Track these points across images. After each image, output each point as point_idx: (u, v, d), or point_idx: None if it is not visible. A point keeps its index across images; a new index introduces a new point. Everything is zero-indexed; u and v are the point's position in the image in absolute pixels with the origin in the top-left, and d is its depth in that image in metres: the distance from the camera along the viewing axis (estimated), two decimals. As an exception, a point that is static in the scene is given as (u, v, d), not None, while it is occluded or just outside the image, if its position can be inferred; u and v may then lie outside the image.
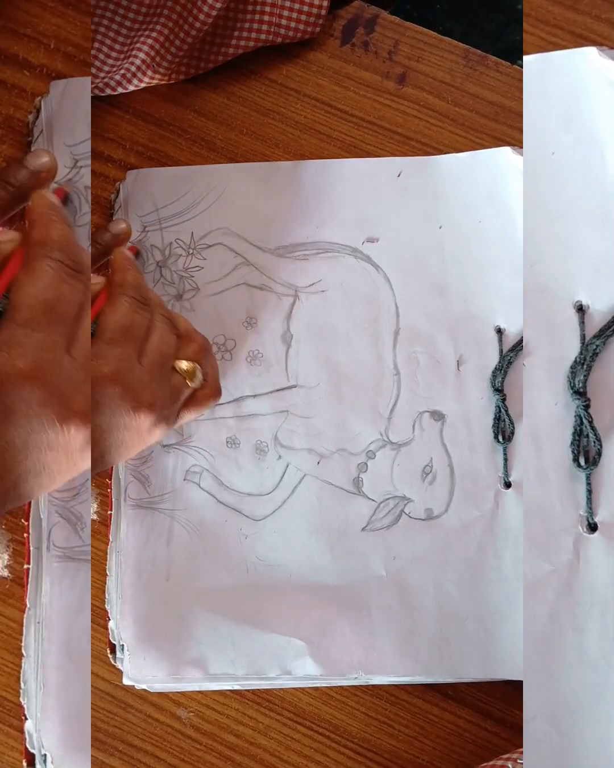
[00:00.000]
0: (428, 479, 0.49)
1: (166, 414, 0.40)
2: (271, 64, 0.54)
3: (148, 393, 0.37)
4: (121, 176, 0.52)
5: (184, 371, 0.42)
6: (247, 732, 0.50)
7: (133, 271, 0.42)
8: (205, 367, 0.44)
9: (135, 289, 0.41)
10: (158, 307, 0.42)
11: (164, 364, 0.40)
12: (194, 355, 0.44)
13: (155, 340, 0.40)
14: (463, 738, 0.49)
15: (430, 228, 0.50)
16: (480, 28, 1.07)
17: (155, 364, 0.39)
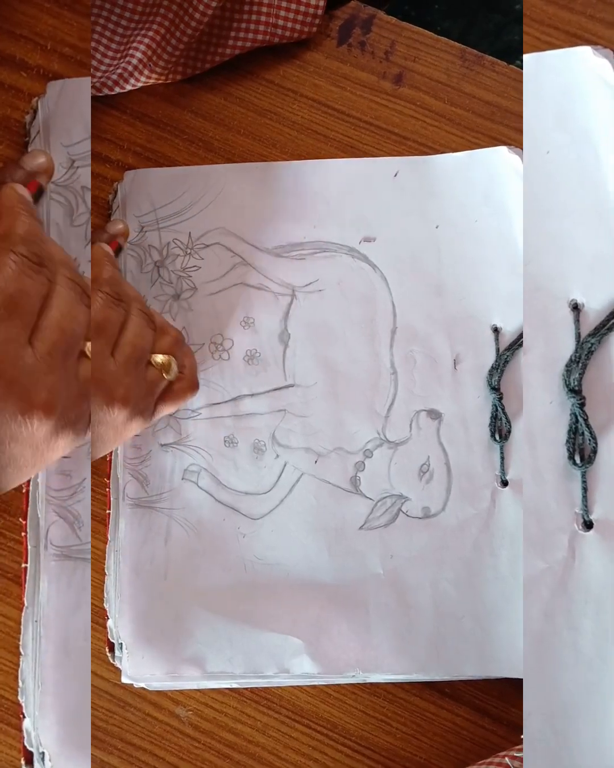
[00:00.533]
0: (425, 478, 0.49)
1: (141, 408, 0.40)
2: (268, 65, 0.54)
3: (121, 388, 0.38)
4: (119, 177, 0.53)
5: (159, 364, 0.42)
6: (246, 730, 0.50)
7: (108, 267, 0.42)
8: (181, 360, 0.45)
9: (110, 284, 0.41)
10: (135, 302, 0.42)
11: (139, 358, 0.41)
12: (169, 347, 0.44)
13: (129, 335, 0.40)
14: (461, 736, 0.49)
15: (427, 227, 0.51)
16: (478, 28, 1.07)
17: (129, 358, 0.39)
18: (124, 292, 0.42)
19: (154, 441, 0.51)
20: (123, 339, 0.40)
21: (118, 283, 0.42)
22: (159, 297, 0.51)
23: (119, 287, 0.42)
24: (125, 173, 0.53)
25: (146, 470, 0.51)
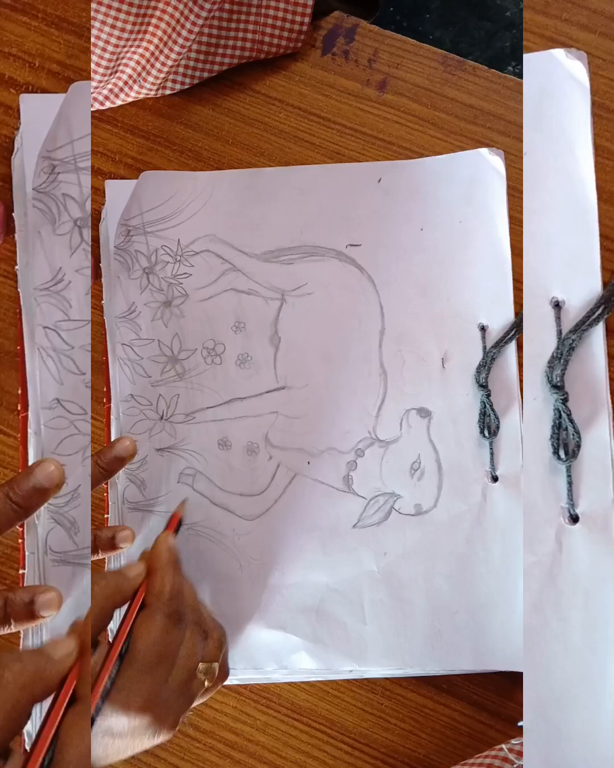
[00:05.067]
0: (416, 475, 0.50)
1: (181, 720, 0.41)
2: (255, 75, 0.55)
3: (172, 716, 0.39)
4: (112, 189, 0.54)
5: (203, 673, 0.42)
6: (245, 729, 0.50)
7: (173, 574, 0.43)
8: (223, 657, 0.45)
9: (172, 599, 0.41)
10: (191, 612, 0.43)
11: (189, 679, 0.41)
12: (214, 652, 0.43)
13: (184, 656, 0.40)
14: (458, 731, 0.49)
15: (412, 229, 0.51)
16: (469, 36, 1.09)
17: (182, 682, 0.40)
18: (183, 605, 0.42)
19: (150, 446, 0.52)
20: (178, 661, 0.40)
21: (179, 594, 0.42)
22: (150, 304, 0.52)
23: (180, 600, 0.42)
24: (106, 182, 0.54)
25: (143, 474, 0.52)
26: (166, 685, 0.39)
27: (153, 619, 0.40)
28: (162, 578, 0.42)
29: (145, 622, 0.40)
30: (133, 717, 0.37)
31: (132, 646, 0.39)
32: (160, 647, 0.39)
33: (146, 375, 0.52)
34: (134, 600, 0.41)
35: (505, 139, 0.52)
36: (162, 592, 0.41)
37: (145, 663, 0.38)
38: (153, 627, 0.39)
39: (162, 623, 0.40)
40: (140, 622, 0.40)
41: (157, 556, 0.43)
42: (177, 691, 0.39)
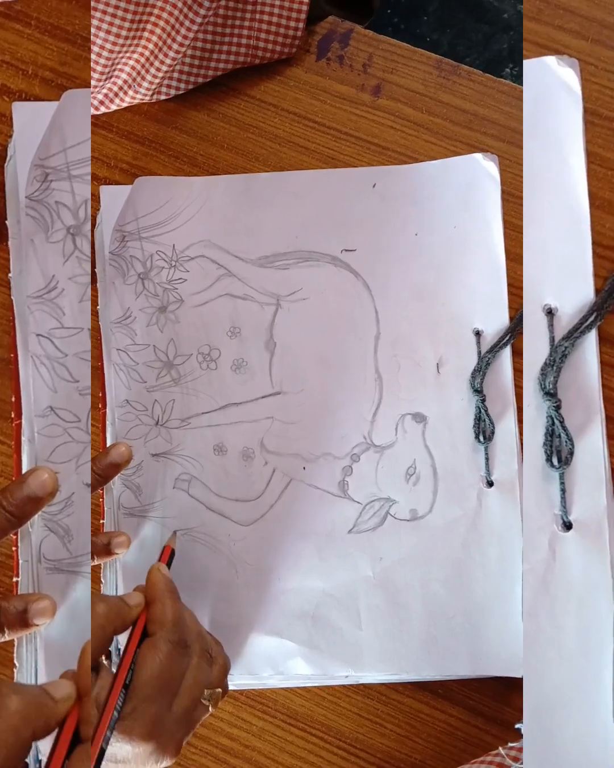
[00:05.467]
0: (412, 480, 0.50)
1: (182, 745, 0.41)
2: (250, 81, 0.56)
3: (175, 742, 0.39)
4: (107, 194, 0.54)
5: (207, 699, 0.42)
6: (242, 735, 0.50)
7: (170, 603, 0.43)
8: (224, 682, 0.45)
9: (175, 626, 0.41)
10: (197, 639, 0.43)
11: (193, 706, 0.41)
12: (218, 679, 0.43)
13: (189, 684, 0.40)
14: (455, 736, 0.49)
15: (407, 234, 0.51)
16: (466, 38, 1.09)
17: (186, 708, 0.40)
18: (187, 632, 0.42)
19: (145, 451, 0.52)
20: (182, 689, 0.40)
21: (181, 620, 0.42)
22: (145, 309, 0.53)
23: (183, 627, 0.42)
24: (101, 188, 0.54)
25: (139, 480, 0.52)
26: (170, 712, 0.39)
27: (157, 648, 0.40)
28: (162, 606, 0.42)
29: (151, 651, 0.39)
30: (137, 745, 0.37)
31: (137, 674, 0.38)
32: (165, 675, 0.39)
33: (142, 380, 0.52)
34: (135, 628, 0.41)
35: (500, 144, 0.52)
36: (164, 620, 0.41)
37: (149, 691, 0.38)
38: (158, 655, 0.39)
39: (167, 651, 0.40)
40: (145, 650, 0.40)
41: (154, 585, 0.43)
42: (181, 718, 0.39)
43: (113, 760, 0.37)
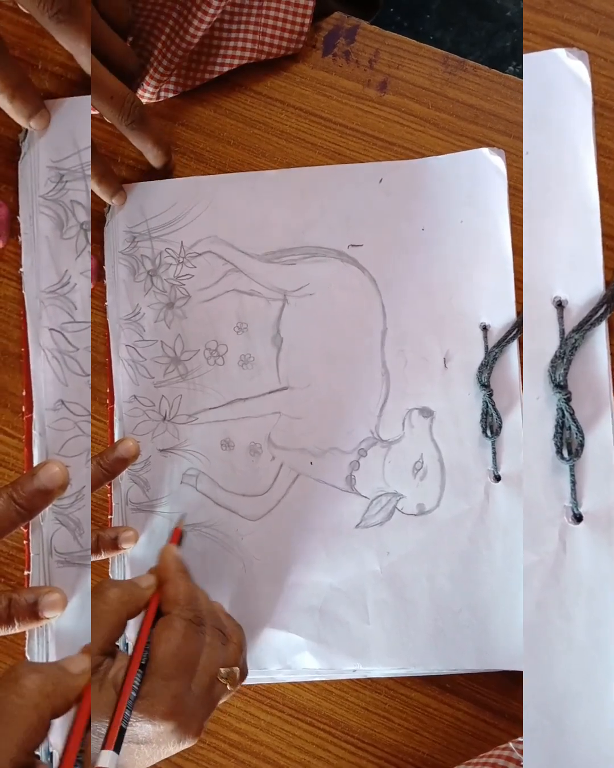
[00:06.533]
0: (419, 475, 0.50)
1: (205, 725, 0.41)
2: (256, 77, 0.56)
3: (196, 721, 0.39)
4: (113, 190, 0.54)
5: (224, 678, 0.41)
6: (249, 729, 0.51)
7: (184, 581, 0.43)
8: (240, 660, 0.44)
9: (189, 604, 0.42)
10: (209, 617, 0.42)
11: (212, 684, 0.40)
12: (235, 657, 0.43)
13: (206, 662, 0.40)
14: (462, 730, 0.49)
15: (413, 229, 0.51)
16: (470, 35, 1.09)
17: (204, 687, 0.40)
18: (201, 609, 0.42)
19: (153, 447, 0.52)
20: (200, 667, 0.40)
21: (195, 599, 0.42)
22: (153, 305, 0.53)
23: (196, 605, 0.42)
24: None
25: (146, 475, 0.52)
26: (190, 691, 0.38)
27: (172, 626, 0.40)
28: (175, 586, 0.42)
29: (165, 630, 0.39)
30: (158, 724, 0.37)
31: (153, 653, 0.38)
32: (182, 653, 0.39)
33: (149, 376, 0.52)
34: (148, 610, 0.41)
35: (506, 139, 0.53)
36: (177, 598, 0.41)
37: (168, 670, 0.38)
38: (173, 633, 0.39)
39: (182, 629, 0.40)
40: (160, 629, 0.40)
41: (165, 566, 0.44)
42: (200, 696, 0.39)
43: (134, 740, 0.36)
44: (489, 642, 0.47)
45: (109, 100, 0.47)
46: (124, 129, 0.49)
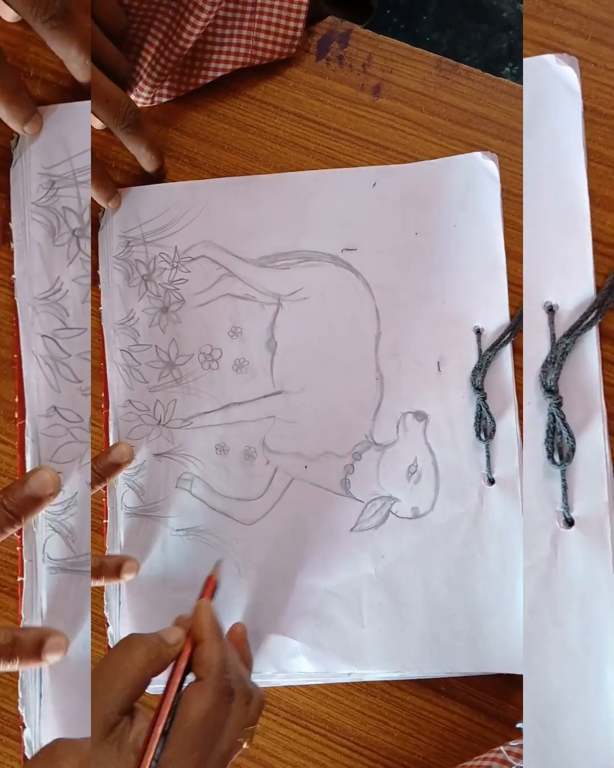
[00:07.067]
0: (413, 478, 0.50)
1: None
2: (250, 81, 0.56)
3: None
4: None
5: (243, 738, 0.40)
6: (245, 733, 0.51)
7: (219, 643, 0.41)
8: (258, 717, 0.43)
9: (222, 672, 0.40)
10: (239, 683, 0.41)
11: (233, 748, 0.39)
12: (254, 718, 0.42)
13: (231, 728, 0.39)
14: (457, 733, 0.49)
15: (407, 233, 0.52)
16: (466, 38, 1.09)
17: (225, 753, 0.39)
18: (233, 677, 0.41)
19: (147, 451, 0.52)
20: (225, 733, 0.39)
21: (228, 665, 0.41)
22: (147, 310, 0.53)
23: (229, 672, 0.40)
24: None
25: (141, 480, 0.52)
26: (211, 755, 0.38)
27: (205, 695, 0.38)
28: (210, 650, 0.40)
29: (197, 698, 0.38)
30: None
31: (182, 718, 0.37)
32: (210, 724, 0.38)
33: (144, 380, 0.53)
34: (175, 670, 0.40)
35: (499, 143, 0.53)
36: (212, 665, 0.40)
37: (195, 737, 0.37)
38: (205, 702, 0.38)
39: (214, 699, 0.38)
40: (192, 695, 0.38)
41: (201, 626, 0.41)
42: (220, 760, 0.38)
43: None
44: (484, 645, 0.47)
45: (105, 104, 0.47)
46: (119, 133, 0.49)
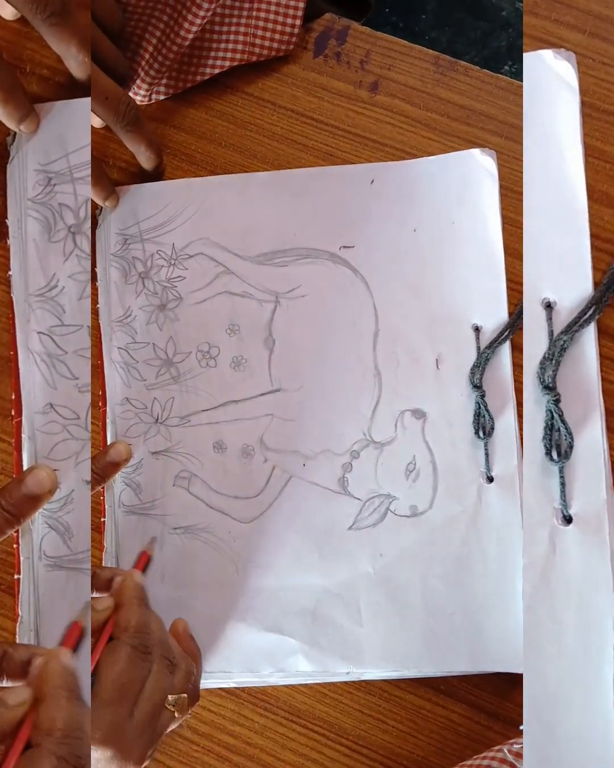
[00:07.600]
0: (411, 477, 0.50)
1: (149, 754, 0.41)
2: (247, 78, 0.56)
3: (137, 749, 0.39)
4: (105, 192, 0.54)
5: (172, 705, 0.42)
6: (244, 732, 0.50)
7: (139, 608, 0.43)
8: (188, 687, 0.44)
9: (138, 633, 0.41)
10: (159, 645, 0.42)
11: (156, 713, 0.40)
12: (182, 685, 0.43)
13: (149, 690, 0.40)
14: (457, 732, 0.49)
15: (405, 230, 0.51)
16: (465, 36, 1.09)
17: (148, 715, 0.39)
18: (150, 637, 0.42)
19: (145, 449, 0.52)
20: (143, 694, 0.40)
21: (145, 627, 0.42)
22: (145, 308, 0.53)
23: (147, 633, 0.42)
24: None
25: (139, 478, 0.52)
26: (131, 718, 0.38)
27: (117, 653, 0.40)
28: (128, 613, 0.42)
29: (111, 655, 0.39)
30: (94, 750, 0.36)
31: (96, 678, 0.38)
32: (124, 680, 0.39)
33: (141, 378, 0.52)
34: (102, 635, 0.41)
35: (497, 140, 0.52)
36: (128, 625, 0.41)
37: (107, 696, 0.38)
38: (117, 660, 0.39)
39: (127, 656, 0.39)
40: (105, 655, 0.40)
41: (123, 592, 0.43)
42: (142, 724, 0.39)
43: None
44: (483, 644, 0.47)
45: (104, 102, 0.47)
46: (119, 131, 0.49)
